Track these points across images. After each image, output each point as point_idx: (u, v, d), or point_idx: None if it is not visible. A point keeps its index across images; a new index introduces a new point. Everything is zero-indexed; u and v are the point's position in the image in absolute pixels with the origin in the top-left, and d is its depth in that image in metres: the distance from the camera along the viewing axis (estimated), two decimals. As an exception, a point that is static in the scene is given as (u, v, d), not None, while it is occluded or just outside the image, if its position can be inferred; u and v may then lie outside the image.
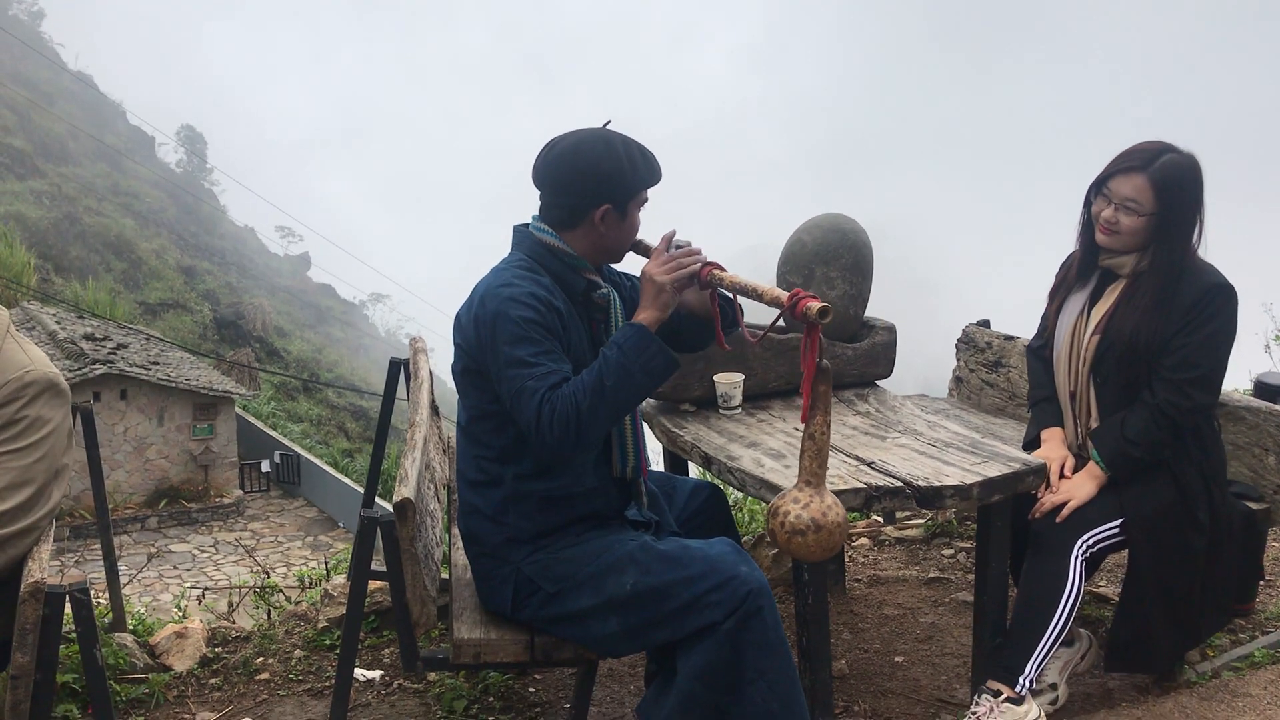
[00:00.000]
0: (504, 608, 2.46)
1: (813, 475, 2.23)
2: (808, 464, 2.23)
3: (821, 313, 2.14)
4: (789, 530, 2.20)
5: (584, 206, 2.41)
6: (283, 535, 20.75)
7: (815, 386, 2.21)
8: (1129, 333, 2.86)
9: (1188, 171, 2.84)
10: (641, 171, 2.43)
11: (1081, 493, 2.85)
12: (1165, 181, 2.81)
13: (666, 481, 2.81)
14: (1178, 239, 2.85)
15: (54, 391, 2.16)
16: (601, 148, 2.39)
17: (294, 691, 3.18)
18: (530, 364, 2.27)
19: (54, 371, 2.18)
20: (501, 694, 3.12)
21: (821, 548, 2.21)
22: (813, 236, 3.48)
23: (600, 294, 2.48)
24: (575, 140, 2.42)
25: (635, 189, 2.44)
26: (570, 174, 2.40)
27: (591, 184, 2.39)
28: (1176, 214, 2.83)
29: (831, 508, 2.21)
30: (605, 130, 2.44)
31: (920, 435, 3.01)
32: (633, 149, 2.42)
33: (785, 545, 2.22)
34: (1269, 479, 3.14)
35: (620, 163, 2.39)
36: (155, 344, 23.60)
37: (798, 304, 2.18)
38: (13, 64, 44.10)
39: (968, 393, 4.20)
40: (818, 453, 2.23)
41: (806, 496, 2.21)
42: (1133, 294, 2.90)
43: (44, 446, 2.15)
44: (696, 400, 3.32)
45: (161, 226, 42.07)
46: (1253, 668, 3.09)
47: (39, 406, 2.13)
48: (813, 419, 2.21)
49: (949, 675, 3.20)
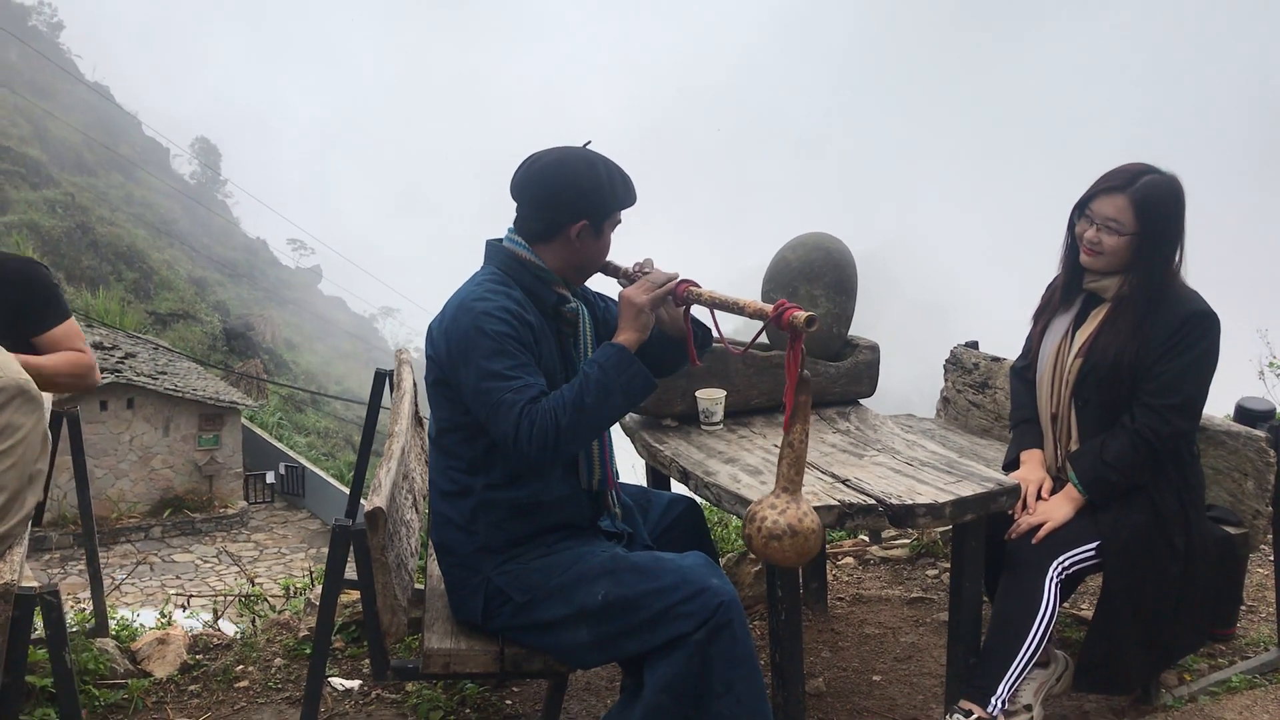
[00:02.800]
0: (475, 617, 2.48)
1: (790, 482, 2.26)
2: (785, 471, 2.26)
3: (808, 322, 2.18)
4: (765, 535, 2.22)
5: (561, 220, 2.45)
6: (286, 547, 20.75)
7: (797, 396, 2.24)
8: (1111, 356, 2.87)
9: (1168, 192, 2.87)
10: (620, 192, 2.48)
11: (1059, 514, 2.86)
12: (1145, 201, 2.84)
13: (642, 495, 2.82)
14: (1159, 260, 2.87)
15: (25, 398, 2.16)
16: (584, 165, 2.44)
17: (272, 699, 3.19)
18: (507, 377, 2.30)
19: (25, 377, 2.18)
20: (478, 705, 3.13)
21: (797, 553, 2.24)
22: (797, 255, 3.50)
23: (569, 308, 2.51)
24: (559, 155, 2.47)
25: (612, 208, 2.49)
26: (551, 188, 2.44)
27: (571, 199, 2.43)
28: (1157, 233, 2.85)
29: (807, 514, 2.24)
30: (586, 150, 2.49)
31: (898, 454, 3.02)
32: (613, 170, 2.48)
33: (762, 550, 2.25)
34: (1248, 504, 3.14)
35: (600, 181, 2.44)
36: (163, 354, 23.69)
37: (783, 314, 2.22)
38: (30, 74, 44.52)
39: (954, 413, 4.20)
40: (796, 460, 2.26)
41: (783, 503, 2.25)
42: (1116, 318, 2.92)
43: (15, 454, 2.15)
44: (679, 415, 3.34)
45: (174, 237, 42.35)
46: (1229, 693, 3.09)
47: (10, 413, 2.13)
48: (793, 428, 2.25)
49: (925, 695, 3.20)
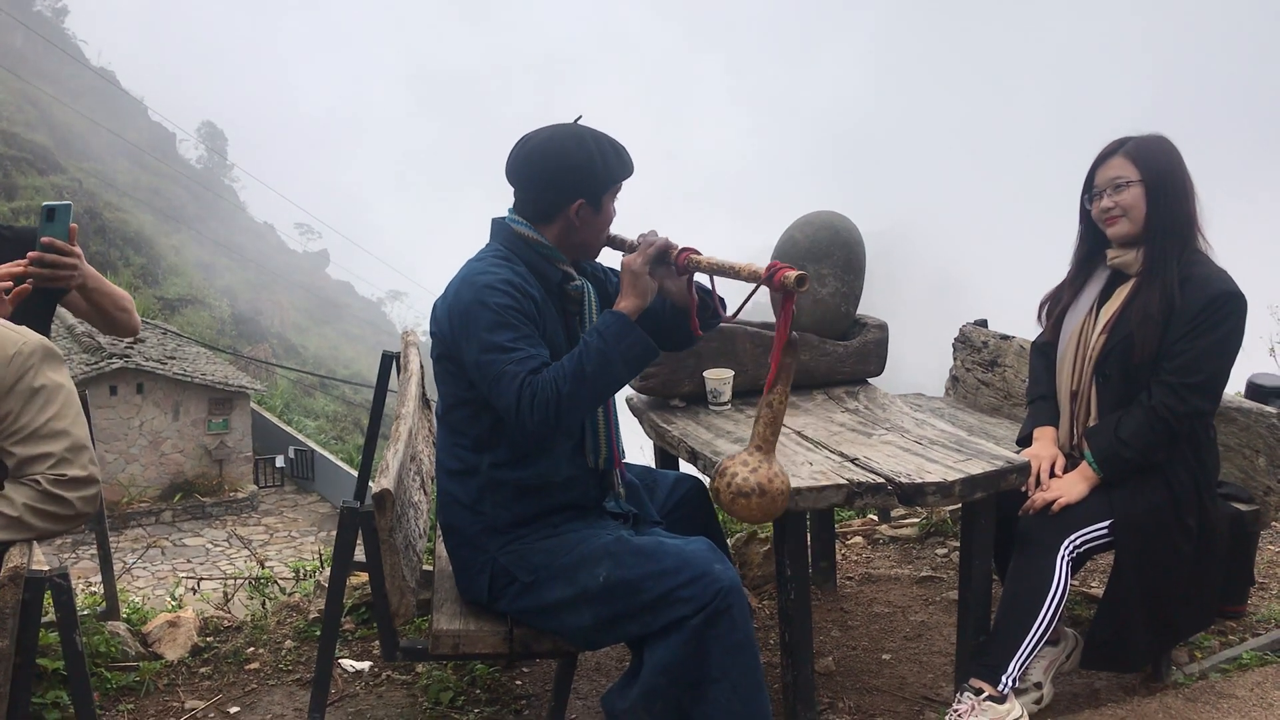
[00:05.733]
0: (481, 597, 2.48)
1: (764, 441, 2.27)
2: (761, 430, 2.27)
3: (799, 280, 2.18)
4: (734, 491, 2.24)
5: (558, 201, 2.43)
6: (296, 530, 20.84)
7: (783, 357, 2.24)
8: (1134, 333, 2.85)
9: (1158, 143, 2.91)
10: (613, 165, 2.45)
11: (1072, 492, 2.84)
12: (1140, 149, 2.89)
13: (648, 474, 2.82)
14: (1176, 209, 2.85)
15: (51, 355, 2.17)
16: (573, 143, 2.42)
17: (283, 681, 3.20)
18: (509, 349, 2.29)
19: (42, 338, 2.19)
20: (488, 686, 3.13)
21: (763, 512, 2.26)
22: (805, 234, 3.48)
23: (574, 286, 2.50)
24: (547, 136, 2.44)
25: (608, 183, 2.46)
26: (543, 170, 2.42)
27: (565, 178, 2.41)
28: (1162, 176, 2.86)
29: (778, 475, 2.25)
30: (576, 125, 2.47)
31: (907, 433, 3.00)
32: (604, 143, 2.44)
33: (729, 506, 2.26)
34: (1259, 480, 3.12)
35: (592, 157, 2.42)
36: (172, 339, 23.76)
37: (775, 274, 2.21)
38: (36, 60, 44.48)
39: (964, 392, 4.19)
40: (773, 420, 2.27)
41: (756, 461, 2.26)
42: (1139, 294, 2.89)
43: (74, 404, 2.17)
44: (686, 396, 3.33)
45: (181, 222, 42.37)
46: (1240, 670, 3.08)
47: (47, 371, 2.14)
48: (774, 388, 2.26)
49: (935, 673, 3.20)
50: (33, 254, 2.51)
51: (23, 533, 2.09)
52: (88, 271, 2.66)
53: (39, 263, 2.51)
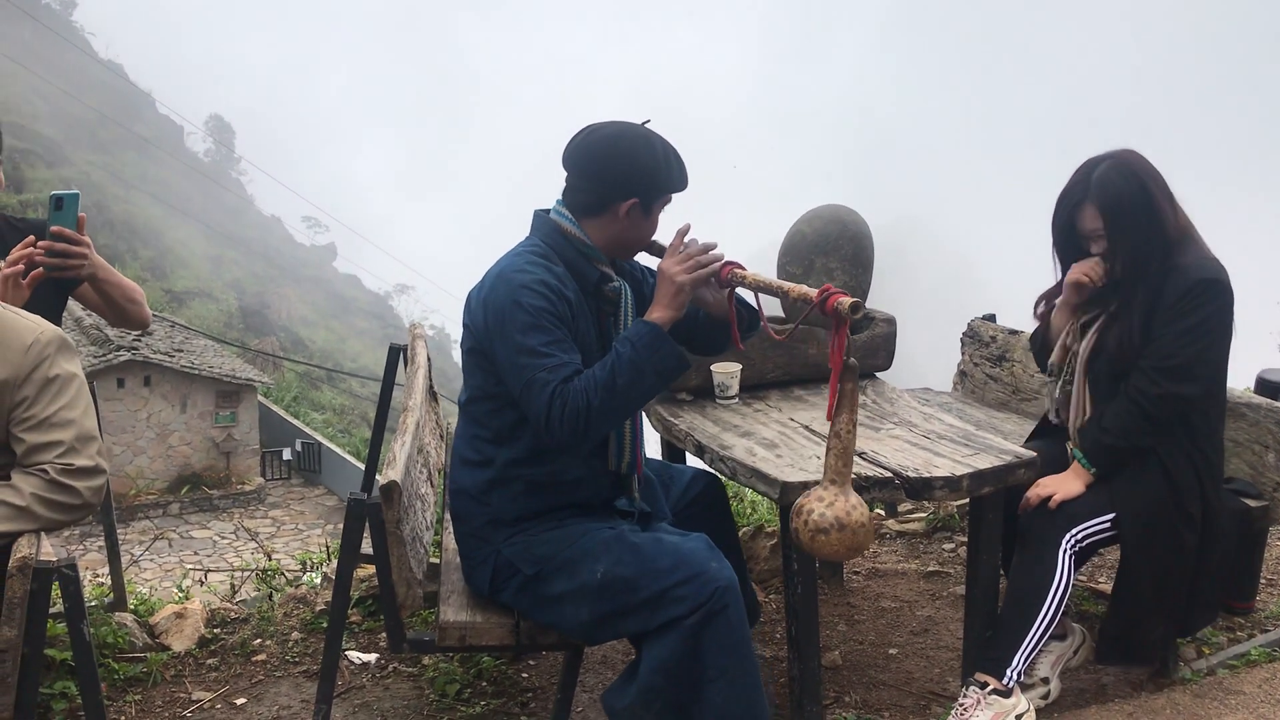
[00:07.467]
0: (483, 588, 2.48)
1: (837, 474, 2.20)
2: (833, 463, 2.20)
3: (853, 308, 2.13)
4: (812, 529, 2.18)
5: (613, 196, 2.40)
6: (303, 523, 20.89)
7: (842, 384, 2.18)
8: (1120, 332, 2.84)
9: (1121, 172, 2.81)
10: (675, 174, 2.44)
11: (1066, 488, 2.83)
12: (1103, 195, 2.80)
13: (664, 470, 2.81)
14: (1151, 244, 2.80)
15: (65, 346, 2.19)
16: (641, 142, 2.40)
17: (290, 672, 3.21)
18: (542, 354, 2.27)
19: (58, 328, 2.22)
20: (494, 679, 3.14)
21: (845, 547, 2.19)
22: (813, 227, 3.48)
23: (612, 287, 2.48)
24: (617, 130, 2.42)
25: (665, 189, 2.44)
26: (606, 161, 2.39)
27: (626, 174, 2.39)
28: (1127, 221, 2.79)
29: (856, 507, 2.18)
30: (645, 127, 2.44)
31: (915, 427, 3.00)
32: (670, 151, 2.43)
33: (809, 544, 2.20)
34: (1269, 476, 3.11)
35: (657, 160, 2.40)
36: (179, 331, 23.80)
37: (828, 299, 2.17)
38: (44, 52, 44.53)
39: (972, 387, 4.18)
40: (843, 451, 2.19)
41: (831, 495, 2.19)
42: (1118, 317, 2.88)
43: (85, 395, 2.20)
44: (694, 390, 3.33)
45: (189, 215, 42.43)
46: (1248, 666, 3.07)
47: (62, 362, 2.16)
48: (839, 417, 2.19)
49: (942, 668, 3.20)
50: (43, 243, 2.52)
51: (30, 523, 2.10)
52: (97, 262, 2.67)
53: (49, 252, 2.52)
